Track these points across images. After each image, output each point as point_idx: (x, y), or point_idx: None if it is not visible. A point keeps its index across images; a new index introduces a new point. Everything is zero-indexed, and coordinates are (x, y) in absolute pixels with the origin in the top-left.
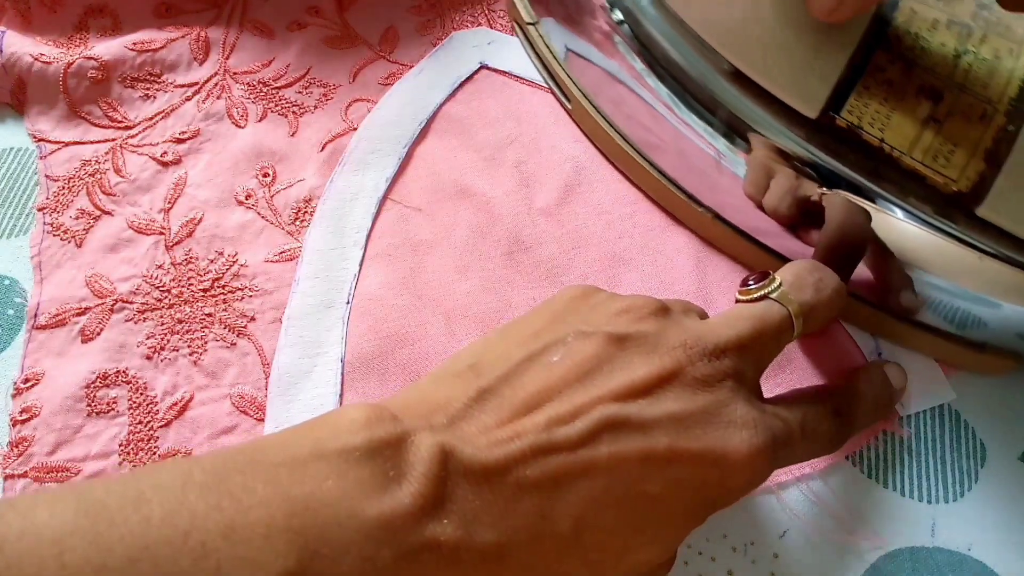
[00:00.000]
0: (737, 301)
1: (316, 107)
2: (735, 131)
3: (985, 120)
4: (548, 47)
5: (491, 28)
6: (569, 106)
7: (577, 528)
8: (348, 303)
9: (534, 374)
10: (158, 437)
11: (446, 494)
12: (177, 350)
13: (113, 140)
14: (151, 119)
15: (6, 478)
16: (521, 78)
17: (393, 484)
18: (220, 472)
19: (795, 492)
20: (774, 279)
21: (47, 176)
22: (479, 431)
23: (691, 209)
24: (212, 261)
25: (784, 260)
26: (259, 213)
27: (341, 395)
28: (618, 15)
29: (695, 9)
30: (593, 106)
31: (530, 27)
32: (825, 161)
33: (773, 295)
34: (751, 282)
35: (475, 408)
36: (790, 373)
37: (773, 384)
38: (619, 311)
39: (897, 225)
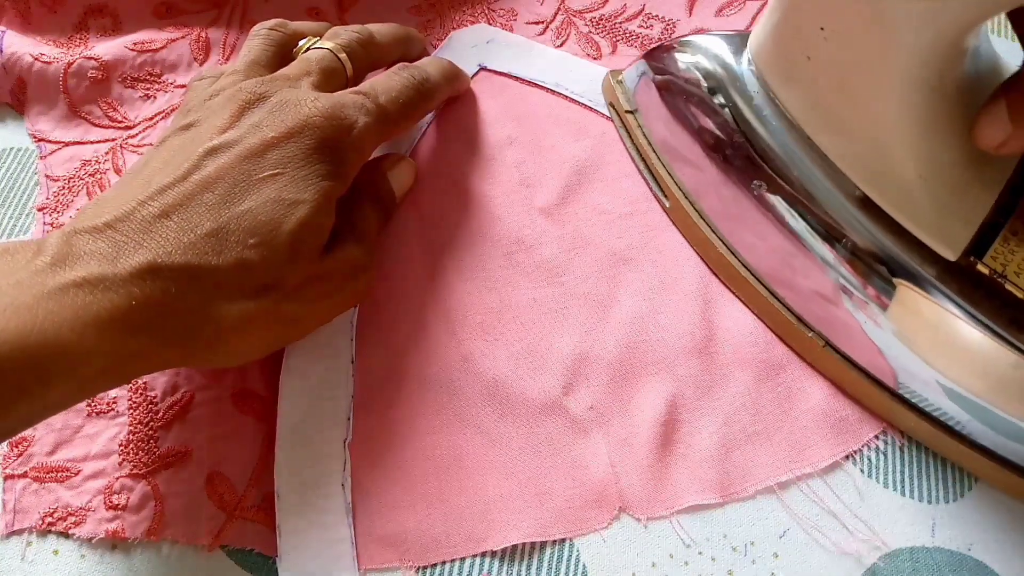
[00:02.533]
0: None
1: None
2: (860, 259)
3: None
4: (647, 139)
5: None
6: (667, 204)
7: (219, 231)
8: (355, 306)
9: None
10: (158, 437)
11: (73, 250)
12: None
13: (113, 140)
14: (151, 119)
15: (6, 478)
16: (520, 78)
17: (36, 257)
18: None
19: (795, 492)
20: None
21: (47, 176)
22: (99, 210)
23: (798, 331)
24: None
25: (903, 402)
26: None
27: (354, 397)
28: (732, 121)
29: (827, 131)
30: (695, 208)
31: (628, 115)
32: (959, 303)
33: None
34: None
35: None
36: (790, 373)
37: (773, 384)
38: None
39: None
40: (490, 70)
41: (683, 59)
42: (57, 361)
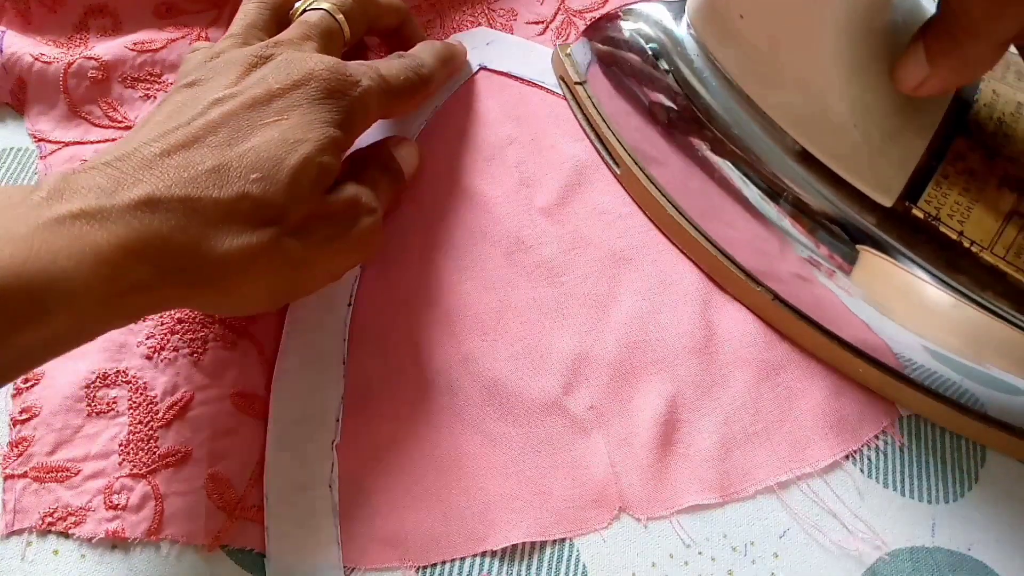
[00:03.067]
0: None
1: None
2: (802, 213)
3: None
4: (596, 108)
5: (490, 27)
6: (618, 171)
7: (221, 167)
8: (350, 305)
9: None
10: (158, 437)
11: (70, 186)
12: (177, 350)
13: (113, 140)
14: None
15: (6, 478)
16: (520, 78)
17: (32, 193)
18: None
19: (795, 492)
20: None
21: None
22: (100, 156)
23: (747, 287)
24: None
25: (850, 349)
26: None
27: (344, 397)
28: (676, 85)
29: (764, 87)
30: (644, 173)
31: (578, 87)
32: (898, 249)
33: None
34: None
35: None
36: (789, 373)
37: (773, 383)
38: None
39: (972, 318)
40: (490, 70)
41: (627, 27)
42: (54, 290)
